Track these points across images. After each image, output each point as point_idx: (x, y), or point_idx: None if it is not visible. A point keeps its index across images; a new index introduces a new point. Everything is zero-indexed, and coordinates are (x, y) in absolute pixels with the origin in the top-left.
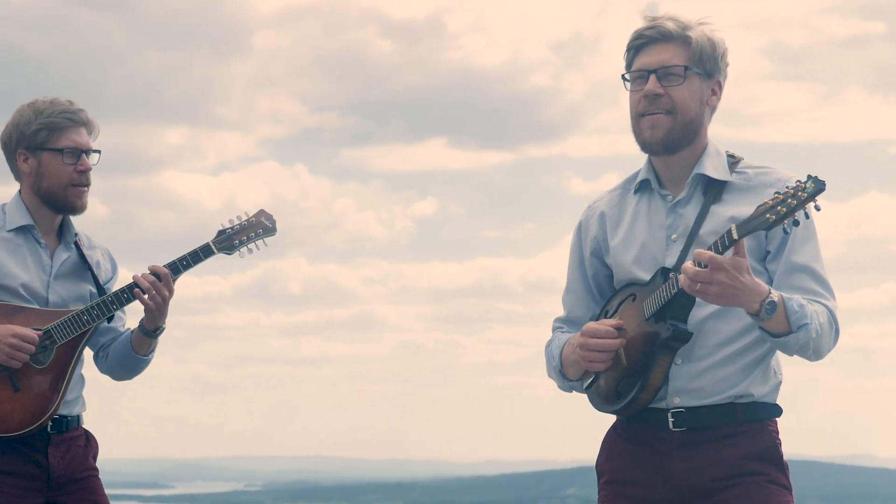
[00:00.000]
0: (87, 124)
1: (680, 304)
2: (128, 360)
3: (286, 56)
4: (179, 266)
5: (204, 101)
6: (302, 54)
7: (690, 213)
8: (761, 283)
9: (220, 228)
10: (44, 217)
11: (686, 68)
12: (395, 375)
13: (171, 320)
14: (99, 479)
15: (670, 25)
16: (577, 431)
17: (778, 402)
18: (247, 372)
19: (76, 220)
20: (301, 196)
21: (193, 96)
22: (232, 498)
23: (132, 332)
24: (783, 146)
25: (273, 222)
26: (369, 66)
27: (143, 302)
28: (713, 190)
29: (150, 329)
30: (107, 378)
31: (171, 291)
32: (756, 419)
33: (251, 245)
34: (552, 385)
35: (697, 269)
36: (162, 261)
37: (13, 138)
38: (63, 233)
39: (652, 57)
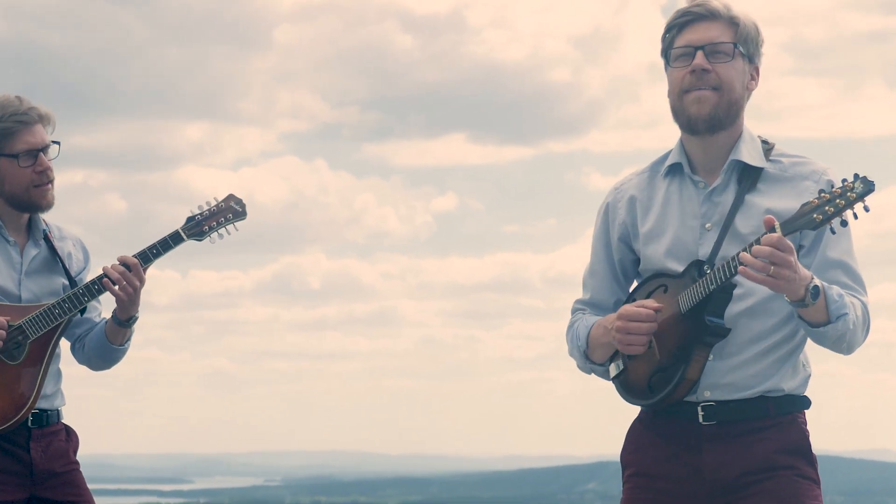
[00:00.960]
0: (41, 119)
1: (718, 299)
2: (103, 350)
3: (306, 51)
4: (149, 255)
5: (224, 96)
6: (322, 49)
7: (725, 201)
8: (804, 269)
9: (189, 215)
10: (10, 216)
11: (735, 45)
12: (414, 371)
13: (191, 315)
14: (80, 472)
15: (717, 4)
16: (597, 427)
17: (808, 395)
18: (266, 367)
19: (81, 212)
20: (321, 191)
21: (213, 91)
22: (251, 493)
23: (106, 322)
24: (803, 141)
25: (243, 206)
26: (390, 61)
27: (113, 293)
28: (748, 178)
29: (123, 319)
30: (125, 374)
31: (142, 281)
32: (786, 412)
33: (221, 230)
34: (571, 380)
35: (775, 251)
36: (180, 256)
37: None
38: (32, 228)
39: (699, 34)
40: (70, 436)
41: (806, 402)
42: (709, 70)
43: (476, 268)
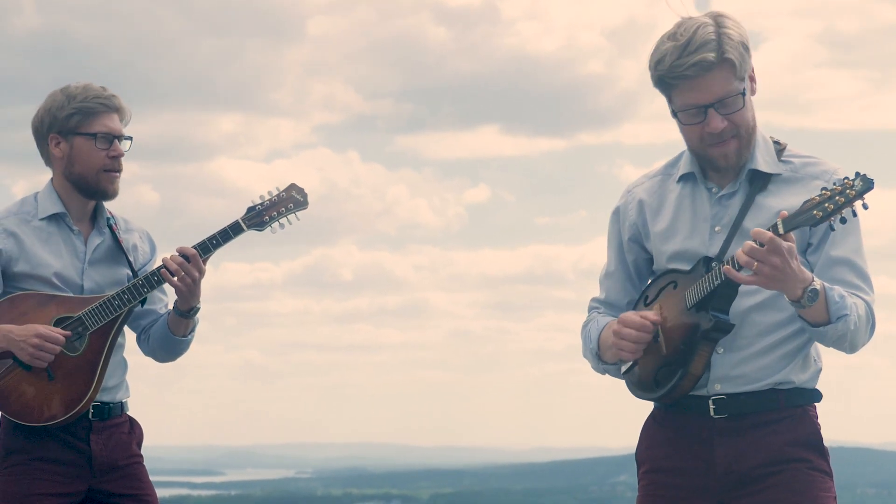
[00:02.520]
0: (119, 110)
1: (722, 295)
2: (167, 341)
3: (340, 43)
4: (209, 245)
5: (257, 88)
6: (356, 41)
7: (735, 203)
8: (805, 271)
9: (250, 205)
10: (76, 203)
11: (742, 93)
12: (445, 362)
13: (223, 307)
14: (143, 465)
15: (707, 54)
16: (629, 418)
17: (820, 388)
18: (298, 359)
19: (114, 205)
20: (353, 183)
21: (247, 83)
22: (283, 485)
23: (169, 313)
24: (835, 133)
25: (304, 196)
26: (423, 53)
27: (172, 284)
28: (759, 180)
29: (184, 310)
30: (158, 366)
31: (201, 272)
32: (797, 405)
33: (282, 220)
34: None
35: (755, 246)
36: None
37: (45, 123)
38: (96, 218)
39: (702, 91)
40: (134, 428)
41: (817, 395)
42: (726, 126)
43: (508, 259)
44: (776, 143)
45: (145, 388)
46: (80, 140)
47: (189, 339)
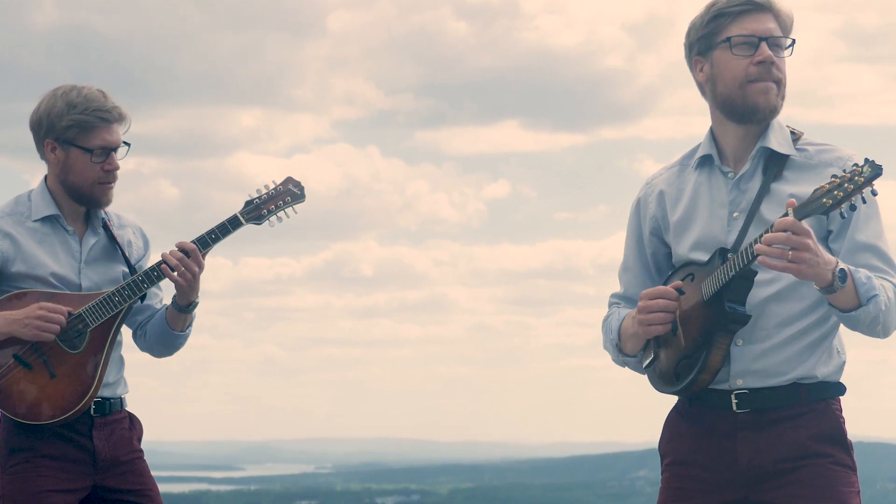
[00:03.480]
0: (120, 120)
1: (738, 285)
2: (165, 336)
3: (360, 37)
4: (208, 240)
5: (278, 83)
6: (376, 36)
7: (752, 189)
8: (827, 253)
9: (248, 199)
10: (70, 204)
11: (793, 41)
12: (465, 357)
13: (243, 302)
14: (144, 460)
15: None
16: (649, 413)
17: (843, 381)
18: (318, 354)
19: (134, 199)
20: (373, 178)
21: (267, 78)
22: (302, 480)
23: (167, 308)
24: (856, 128)
25: (301, 189)
26: (443, 48)
27: (172, 279)
28: (774, 166)
29: (183, 305)
30: (177, 361)
31: (200, 266)
32: (820, 399)
33: (280, 214)
34: (623, 368)
35: (788, 235)
36: (231, 243)
37: (43, 126)
38: (90, 217)
39: (760, 24)
40: (133, 424)
41: (840, 389)
42: (774, 62)
43: (528, 255)
44: (792, 131)
45: (165, 383)
46: (76, 152)
47: (187, 333)
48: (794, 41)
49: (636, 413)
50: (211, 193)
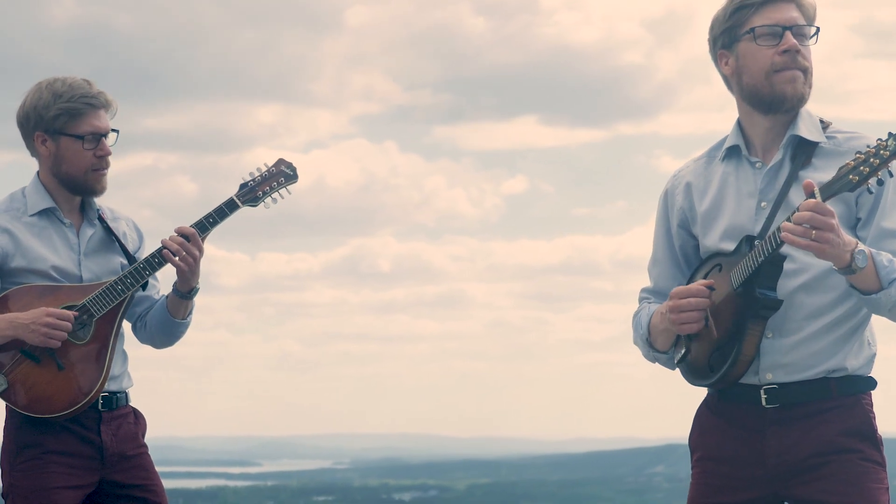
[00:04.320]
0: (106, 106)
1: (768, 272)
2: (166, 325)
3: (379, 33)
4: (206, 224)
5: (296, 78)
6: (395, 31)
7: (781, 178)
8: (847, 235)
9: (242, 182)
10: (65, 197)
11: (817, 29)
12: (483, 353)
13: (260, 298)
14: (149, 455)
15: None
16: (666, 409)
17: (873, 375)
18: (335, 349)
19: (153, 194)
20: (391, 174)
21: (285, 74)
22: (320, 476)
23: (167, 297)
24: (873, 123)
25: (293, 169)
26: (462, 43)
27: (174, 264)
28: (803, 154)
29: (185, 291)
30: (194, 357)
31: (200, 251)
32: (850, 393)
33: (275, 195)
34: (641, 363)
35: (810, 214)
36: (248, 239)
37: (31, 120)
38: (86, 209)
39: (783, 13)
40: (138, 419)
41: (871, 383)
42: (799, 51)
43: (546, 250)
44: (821, 120)
45: (182, 378)
46: (66, 141)
47: (188, 321)
48: (818, 29)
49: (653, 409)
50: (229, 189)
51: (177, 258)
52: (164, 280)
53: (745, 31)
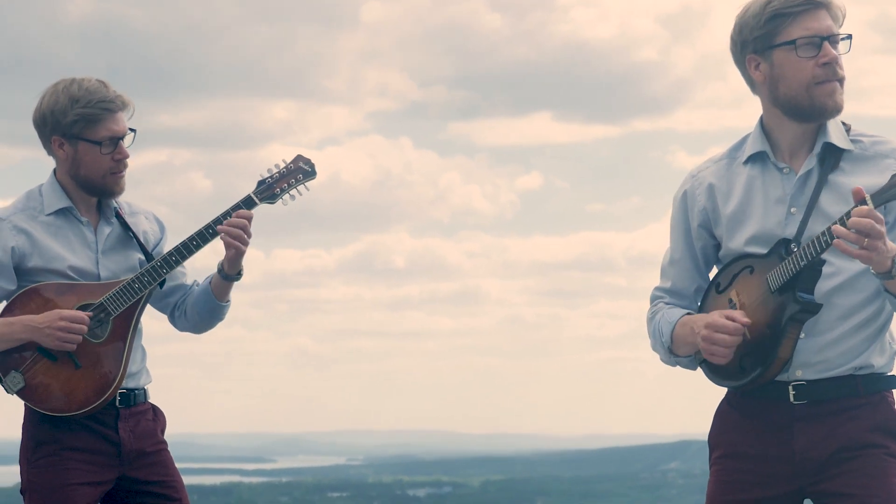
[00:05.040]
0: (124, 108)
1: (807, 276)
2: (212, 309)
3: (394, 29)
4: (222, 220)
5: (310, 75)
6: (409, 27)
7: (810, 184)
8: (891, 242)
9: (260, 178)
10: (82, 196)
11: (849, 36)
12: (497, 349)
13: (274, 294)
14: (168, 452)
15: None
16: (680, 406)
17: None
18: (349, 346)
19: (166, 192)
20: (406, 170)
21: (300, 70)
22: (334, 472)
23: (210, 281)
24: (889, 120)
25: (312, 166)
26: (477, 39)
27: (231, 245)
28: (831, 158)
29: (232, 274)
30: (208, 353)
31: (249, 235)
32: (876, 390)
33: (293, 192)
34: (655, 359)
35: (866, 221)
36: (262, 235)
37: (48, 124)
38: (102, 207)
39: (820, 23)
40: (157, 415)
41: (893, 381)
42: (837, 62)
43: (560, 246)
44: (843, 123)
45: (197, 374)
46: (84, 146)
47: (229, 304)
48: (850, 36)
49: (668, 405)
50: (243, 185)
51: (236, 241)
52: (193, 268)
53: (782, 40)
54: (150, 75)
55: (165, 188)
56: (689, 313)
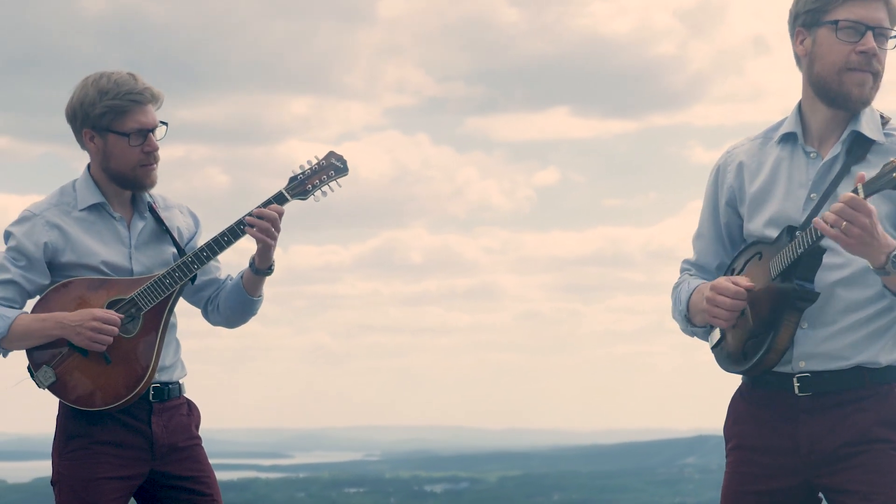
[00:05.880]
0: (153, 101)
1: (807, 263)
2: (244, 303)
3: (412, 24)
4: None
5: (329, 70)
6: (428, 23)
7: (833, 171)
8: (889, 237)
9: (292, 175)
10: (115, 191)
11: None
12: (514, 345)
13: (292, 290)
14: (202, 447)
15: None
16: (697, 400)
17: None
18: (367, 341)
19: (184, 187)
20: (423, 166)
21: (318, 66)
22: (351, 468)
23: (241, 276)
24: None
25: (344, 162)
26: (495, 34)
27: (261, 240)
28: (859, 149)
29: (264, 268)
30: (226, 349)
31: (279, 229)
32: (883, 383)
33: (325, 188)
34: (672, 354)
35: (842, 205)
36: (283, 230)
37: (77, 117)
38: (136, 202)
39: (869, 12)
40: (192, 410)
41: None
42: (876, 54)
43: (577, 241)
44: (881, 115)
45: (215, 370)
46: (113, 138)
47: (262, 298)
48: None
49: (685, 400)
50: (261, 181)
51: (265, 236)
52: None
53: (828, 19)
54: (168, 70)
55: (183, 184)
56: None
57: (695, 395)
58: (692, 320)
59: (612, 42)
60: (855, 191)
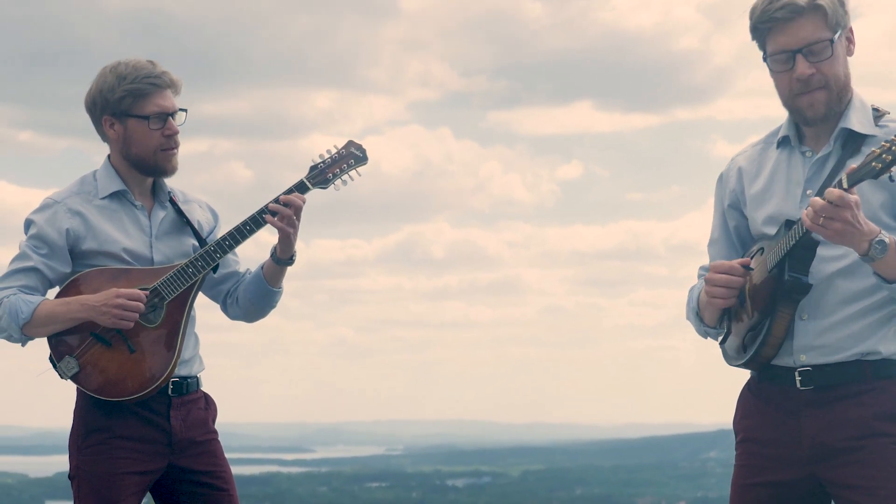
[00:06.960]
0: (171, 86)
1: (800, 255)
2: (265, 295)
3: (435, 18)
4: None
5: (352, 64)
6: (451, 17)
7: (828, 167)
8: (871, 224)
9: (312, 164)
10: (136, 179)
11: (831, 41)
12: (537, 339)
13: (314, 284)
14: (219, 442)
15: (799, 1)
16: (720, 394)
17: None
18: (389, 336)
19: (208, 180)
20: (446, 160)
21: (341, 60)
22: (373, 462)
23: (262, 267)
24: None
25: (363, 151)
26: (518, 28)
27: (283, 230)
28: (853, 143)
29: (285, 258)
30: (248, 343)
31: (299, 218)
32: (884, 377)
33: (345, 177)
34: (694, 348)
35: (823, 203)
36: (302, 224)
37: (97, 105)
38: (157, 192)
39: (791, 36)
40: (209, 404)
41: None
42: (813, 73)
43: (600, 235)
44: (875, 109)
45: (237, 364)
46: (133, 122)
47: (282, 290)
48: (831, 41)
49: (707, 394)
50: (284, 175)
51: (285, 224)
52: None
53: (764, 54)
54: (191, 64)
55: (206, 178)
56: None
57: (717, 389)
58: (703, 318)
59: (636, 36)
60: (840, 182)
